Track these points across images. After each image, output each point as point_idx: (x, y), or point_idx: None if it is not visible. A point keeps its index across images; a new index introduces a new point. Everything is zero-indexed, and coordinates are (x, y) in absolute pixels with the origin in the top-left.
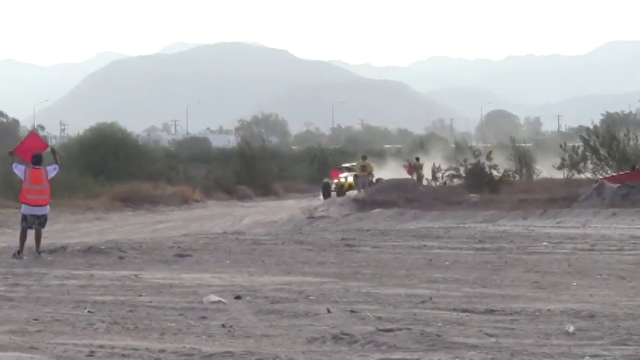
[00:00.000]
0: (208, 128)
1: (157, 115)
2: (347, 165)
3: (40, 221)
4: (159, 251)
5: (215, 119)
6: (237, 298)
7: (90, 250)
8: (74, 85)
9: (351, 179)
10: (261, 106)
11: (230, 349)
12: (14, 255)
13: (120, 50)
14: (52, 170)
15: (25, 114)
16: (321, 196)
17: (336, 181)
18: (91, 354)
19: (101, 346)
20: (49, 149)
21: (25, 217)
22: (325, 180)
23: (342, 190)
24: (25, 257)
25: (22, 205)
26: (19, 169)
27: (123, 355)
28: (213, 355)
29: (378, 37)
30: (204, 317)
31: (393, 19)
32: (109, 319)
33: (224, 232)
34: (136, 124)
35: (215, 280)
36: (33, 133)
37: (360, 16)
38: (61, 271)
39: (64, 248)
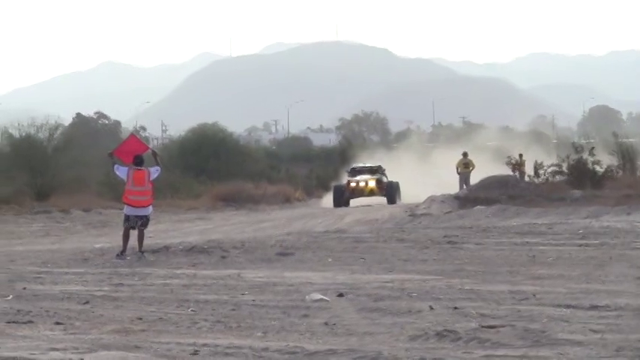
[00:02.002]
0: (309, 127)
1: (257, 115)
2: (361, 165)
3: (142, 222)
4: (261, 250)
5: (316, 118)
6: (340, 295)
7: (193, 250)
8: (175, 86)
9: (373, 183)
10: (361, 105)
11: (333, 347)
12: (118, 255)
13: (220, 51)
14: (154, 172)
15: (126, 115)
16: (331, 202)
17: (353, 185)
18: (195, 352)
19: (205, 345)
20: (149, 151)
21: (127, 218)
22: (336, 184)
23: (360, 194)
24: (128, 257)
25: (125, 206)
26: (120, 171)
27: (226, 353)
28: (316, 353)
29: (478, 34)
30: (306, 315)
31: (493, 16)
32: (212, 317)
33: (326, 231)
34: (236, 123)
35: (317, 278)
36: (133, 136)
37: (460, 13)
38: (165, 270)
39: (167, 248)
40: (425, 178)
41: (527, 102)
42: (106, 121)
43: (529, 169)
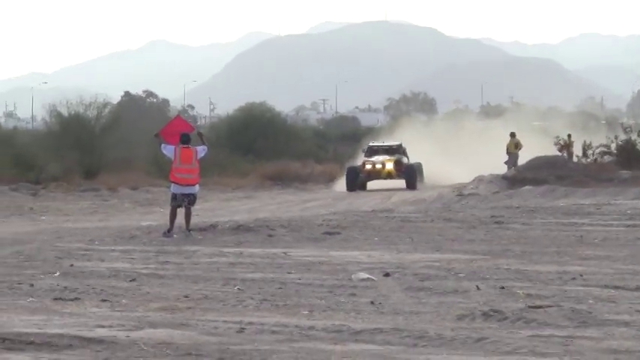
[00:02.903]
0: (357, 107)
1: (305, 94)
2: (378, 144)
3: (189, 200)
4: (308, 229)
5: (364, 98)
6: (386, 275)
7: (239, 228)
8: (223, 65)
9: (390, 165)
10: (409, 85)
11: (379, 326)
12: (164, 233)
13: (269, 30)
14: (201, 151)
15: (174, 94)
16: (345, 186)
17: (368, 167)
18: (241, 330)
19: (251, 323)
20: (195, 132)
21: (174, 196)
22: (350, 164)
23: (377, 176)
24: (175, 235)
25: (172, 185)
26: (167, 150)
27: (272, 331)
28: (362, 331)
29: (527, 14)
30: (353, 294)
31: None
32: (258, 296)
33: (373, 210)
34: (284, 103)
35: (364, 257)
36: (179, 116)
37: None
38: (211, 248)
39: (214, 226)
40: (466, 158)
41: (577, 83)
42: (154, 100)
43: (577, 150)
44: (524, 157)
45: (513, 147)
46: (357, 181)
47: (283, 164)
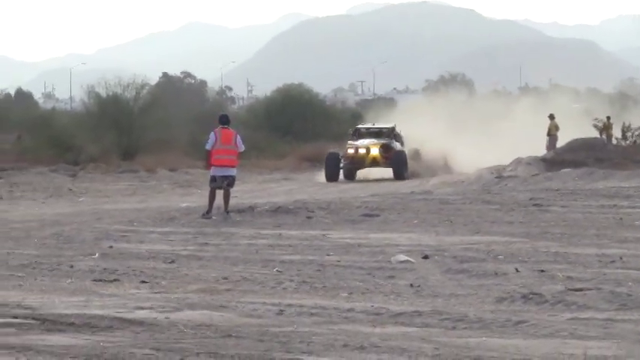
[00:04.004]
0: (395, 88)
1: (343, 76)
2: (367, 126)
3: (228, 181)
4: (347, 211)
5: (401, 79)
6: (425, 257)
7: (278, 210)
8: (261, 46)
9: (375, 150)
10: (447, 66)
11: (418, 309)
12: (203, 215)
13: (307, 11)
14: (240, 141)
15: (212, 75)
16: (323, 176)
17: (350, 152)
18: (280, 312)
19: (290, 305)
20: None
21: (213, 178)
22: (332, 150)
23: (360, 164)
24: (214, 217)
25: (211, 167)
26: (209, 140)
27: (311, 313)
28: (402, 314)
29: None
30: (392, 276)
31: None
32: (297, 278)
33: (412, 192)
34: (322, 84)
35: (403, 239)
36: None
37: None
38: (250, 230)
39: (252, 208)
40: (503, 140)
41: (615, 65)
42: (192, 81)
43: (616, 132)
44: (562, 140)
45: (554, 129)
46: (338, 168)
47: (321, 146)
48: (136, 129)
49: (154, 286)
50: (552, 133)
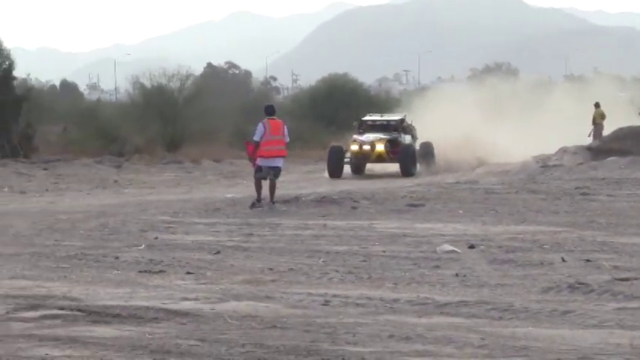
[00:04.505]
0: (439, 77)
1: (387, 66)
2: (374, 118)
3: (274, 172)
4: (391, 201)
5: (446, 68)
6: (471, 247)
7: (323, 200)
8: (305, 35)
9: (381, 146)
10: (492, 55)
11: (464, 299)
12: (253, 205)
13: (352, 0)
14: (286, 131)
15: (257, 65)
16: (325, 172)
17: (354, 148)
18: (326, 303)
19: (335, 296)
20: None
21: (260, 168)
22: (335, 144)
23: (365, 160)
24: (264, 206)
25: (258, 158)
26: (257, 132)
27: (357, 304)
28: (448, 304)
29: None
30: (437, 267)
31: None
32: (342, 268)
33: (457, 182)
34: (367, 74)
35: (448, 229)
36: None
37: None
38: (295, 221)
39: (297, 199)
40: (547, 129)
41: None
42: (237, 72)
43: None
44: (608, 128)
45: (599, 117)
46: (341, 163)
47: None
48: (181, 120)
49: (199, 277)
50: (597, 122)
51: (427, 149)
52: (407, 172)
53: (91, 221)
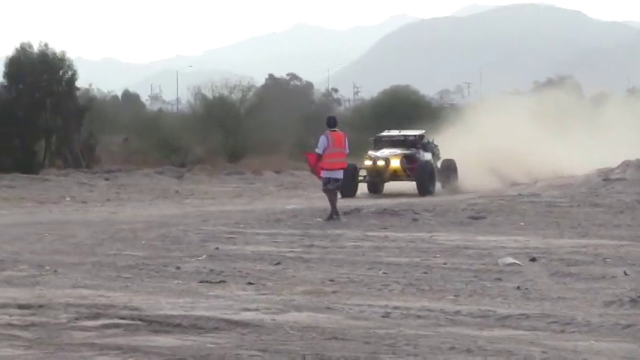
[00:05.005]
0: (502, 90)
1: (449, 78)
2: (392, 133)
3: (337, 185)
4: (452, 213)
5: (508, 81)
6: (533, 260)
7: (384, 212)
8: (367, 48)
9: (396, 162)
10: (554, 68)
11: (525, 311)
12: (330, 217)
13: (413, 13)
14: (347, 143)
15: (318, 77)
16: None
17: (367, 163)
18: (386, 315)
19: (396, 308)
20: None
21: (328, 180)
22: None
23: (379, 177)
24: (344, 220)
25: (323, 171)
26: (320, 144)
27: (418, 316)
28: (509, 316)
29: None
30: (499, 279)
31: None
32: (403, 280)
33: (519, 194)
34: (428, 86)
35: (510, 242)
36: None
37: None
38: (356, 232)
39: (358, 210)
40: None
41: None
42: (298, 83)
43: None
44: None
45: None
46: (357, 182)
47: None
48: (242, 131)
49: (260, 287)
50: None
51: (448, 166)
52: (424, 190)
53: (153, 231)
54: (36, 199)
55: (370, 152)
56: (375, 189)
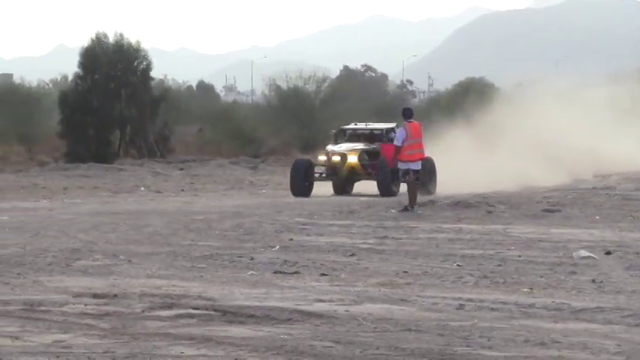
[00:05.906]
0: (571, 82)
1: (525, 70)
2: (359, 126)
3: (417, 175)
4: (527, 206)
5: (583, 74)
6: (608, 253)
7: (458, 204)
8: (443, 39)
9: (354, 158)
10: (632, 61)
11: (600, 305)
12: (405, 209)
13: (489, 5)
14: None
15: (393, 69)
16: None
17: (321, 158)
18: (460, 307)
19: (470, 300)
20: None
21: (407, 172)
22: (300, 158)
23: (335, 174)
24: (419, 211)
25: (399, 162)
26: (399, 135)
27: (492, 308)
28: (583, 310)
29: None
30: (573, 272)
31: None
32: (477, 272)
33: (593, 188)
34: (503, 79)
35: (585, 235)
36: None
37: None
38: (430, 224)
39: (433, 202)
40: None
41: None
42: (373, 75)
43: None
44: None
45: None
46: (311, 180)
47: None
48: (317, 122)
49: (333, 278)
50: None
51: (426, 166)
52: (386, 190)
53: (227, 222)
54: (110, 189)
55: (328, 146)
56: (341, 189)
